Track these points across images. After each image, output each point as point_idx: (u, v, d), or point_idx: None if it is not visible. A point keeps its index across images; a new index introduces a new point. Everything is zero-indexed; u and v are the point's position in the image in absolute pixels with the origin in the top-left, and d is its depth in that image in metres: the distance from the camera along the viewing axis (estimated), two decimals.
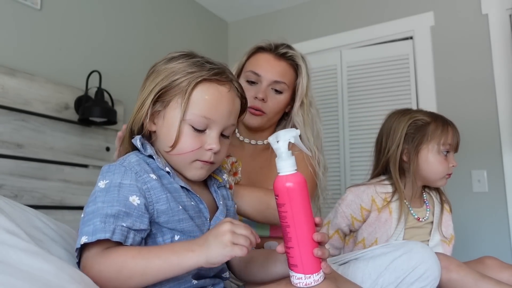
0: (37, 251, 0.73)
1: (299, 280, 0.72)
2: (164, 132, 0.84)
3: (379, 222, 1.32)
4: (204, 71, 0.83)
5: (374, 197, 1.34)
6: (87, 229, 0.72)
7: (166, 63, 0.85)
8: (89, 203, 0.76)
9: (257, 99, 1.28)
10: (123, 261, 0.70)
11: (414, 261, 0.99)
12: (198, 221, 0.83)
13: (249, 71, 1.32)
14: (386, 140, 1.38)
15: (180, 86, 0.82)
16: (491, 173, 2.22)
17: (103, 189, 0.76)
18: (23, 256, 0.70)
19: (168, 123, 0.83)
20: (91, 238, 0.70)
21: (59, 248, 0.86)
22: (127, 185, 0.76)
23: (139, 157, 0.82)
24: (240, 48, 3.10)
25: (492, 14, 2.30)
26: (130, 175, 0.77)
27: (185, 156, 0.83)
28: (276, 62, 1.32)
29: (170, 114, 0.83)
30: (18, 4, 1.85)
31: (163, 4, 2.65)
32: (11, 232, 0.75)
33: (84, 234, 0.72)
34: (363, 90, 2.59)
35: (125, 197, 0.75)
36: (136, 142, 0.84)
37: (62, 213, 1.83)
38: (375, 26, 2.62)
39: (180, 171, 0.86)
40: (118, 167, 0.79)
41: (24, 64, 1.83)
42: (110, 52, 2.25)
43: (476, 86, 2.31)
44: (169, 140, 0.82)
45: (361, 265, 1.05)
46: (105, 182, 0.77)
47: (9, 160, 1.68)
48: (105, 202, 0.74)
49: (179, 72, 0.82)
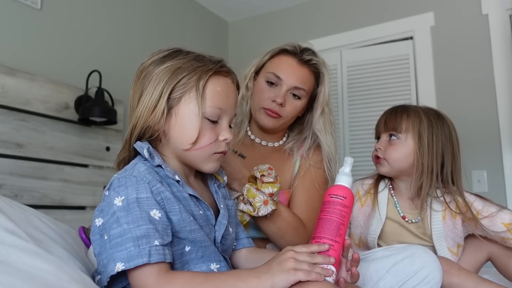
0: (37, 251, 0.73)
1: (333, 273, 0.75)
2: (178, 130, 0.82)
3: (364, 216, 1.32)
4: (209, 64, 0.83)
5: (359, 189, 1.37)
6: (120, 255, 0.70)
7: (161, 62, 0.83)
8: (111, 224, 0.73)
9: (275, 103, 1.27)
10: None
11: (416, 265, 0.99)
12: (206, 230, 0.83)
13: (270, 73, 1.30)
14: None
15: (189, 81, 0.81)
16: (491, 173, 2.22)
17: (122, 207, 0.74)
18: (23, 256, 0.70)
19: (183, 119, 0.82)
20: (128, 265, 0.69)
21: (59, 248, 0.86)
22: (145, 199, 0.75)
23: (147, 165, 0.80)
24: (240, 48, 3.13)
25: (492, 14, 2.30)
26: (144, 187, 0.76)
27: (204, 150, 0.83)
28: (299, 67, 1.30)
29: (184, 110, 0.81)
30: (18, 4, 1.85)
31: (163, 4, 2.65)
32: (11, 232, 0.75)
33: (118, 260, 0.70)
34: (363, 90, 2.59)
35: (147, 213, 0.74)
36: (143, 151, 0.81)
37: (62, 213, 1.83)
38: (375, 26, 2.62)
39: (196, 166, 0.86)
40: (129, 178, 0.77)
41: (24, 64, 1.83)
42: (110, 52, 2.25)
43: (476, 86, 2.31)
44: (188, 136, 0.81)
45: (362, 267, 1.05)
46: (121, 199, 0.75)
47: (9, 159, 1.68)
48: (129, 223, 0.72)
49: (185, 68, 0.82)
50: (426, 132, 1.25)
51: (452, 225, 1.27)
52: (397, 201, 1.31)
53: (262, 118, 1.30)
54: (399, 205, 1.31)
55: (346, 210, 0.79)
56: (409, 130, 1.26)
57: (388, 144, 1.29)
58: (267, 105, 1.28)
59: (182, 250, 0.79)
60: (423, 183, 1.24)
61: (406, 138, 1.26)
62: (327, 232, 0.77)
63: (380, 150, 1.30)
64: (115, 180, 0.78)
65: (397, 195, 1.32)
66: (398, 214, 1.30)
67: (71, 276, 0.72)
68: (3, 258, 0.67)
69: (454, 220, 1.27)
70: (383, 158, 1.29)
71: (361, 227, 1.32)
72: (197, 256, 0.81)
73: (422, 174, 1.24)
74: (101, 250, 0.75)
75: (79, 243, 1.02)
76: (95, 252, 0.78)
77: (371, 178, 1.39)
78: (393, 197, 1.32)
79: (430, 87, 2.43)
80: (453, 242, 1.27)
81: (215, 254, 0.84)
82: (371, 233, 1.28)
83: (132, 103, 0.86)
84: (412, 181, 1.28)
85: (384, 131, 1.31)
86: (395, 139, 1.28)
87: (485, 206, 1.26)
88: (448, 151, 1.27)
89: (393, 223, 1.30)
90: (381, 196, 1.32)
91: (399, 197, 1.32)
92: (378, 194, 1.33)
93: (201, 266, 0.81)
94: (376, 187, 1.34)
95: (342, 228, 0.78)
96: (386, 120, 1.30)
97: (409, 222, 1.29)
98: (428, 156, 1.24)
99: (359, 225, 1.33)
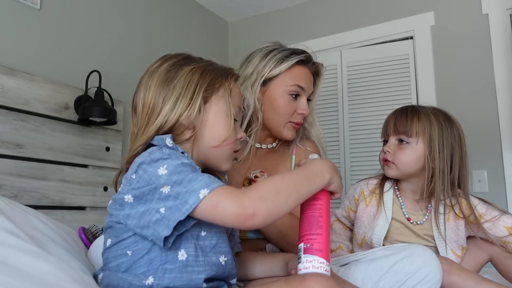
0: (36, 251, 0.73)
1: (321, 264, 0.75)
2: (209, 127, 0.85)
3: (368, 216, 1.32)
4: (225, 68, 0.91)
5: (364, 189, 1.37)
6: (199, 185, 0.70)
7: (184, 64, 0.87)
8: (172, 179, 0.72)
9: (302, 115, 1.29)
10: (276, 184, 0.73)
11: (415, 264, 0.99)
12: None
13: (295, 85, 1.27)
14: None
15: (217, 81, 0.87)
16: (491, 173, 2.22)
17: (171, 172, 0.73)
18: (22, 256, 0.70)
19: (215, 117, 0.86)
20: (211, 187, 0.70)
21: (59, 248, 0.86)
22: (189, 164, 0.76)
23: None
24: (240, 48, 3.12)
25: (492, 14, 2.30)
26: (182, 157, 0.78)
27: (230, 147, 0.87)
28: (311, 75, 1.33)
29: (213, 109, 0.86)
30: (18, 4, 1.84)
31: (163, 4, 2.65)
32: (10, 232, 0.75)
33: (200, 188, 0.70)
34: (363, 90, 2.58)
35: (198, 172, 0.76)
36: (165, 141, 0.80)
37: (62, 213, 1.83)
38: (375, 26, 2.62)
39: (217, 164, 0.88)
40: (161, 152, 0.77)
41: (24, 64, 1.83)
42: (110, 52, 2.25)
43: (476, 86, 2.31)
44: (219, 133, 0.85)
45: (362, 267, 1.05)
46: (165, 167, 0.74)
47: (9, 160, 1.68)
48: (188, 174, 0.72)
49: (209, 70, 0.88)
50: (437, 136, 1.24)
51: (455, 227, 1.27)
52: (403, 203, 1.31)
53: (287, 132, 1.30)
54: (405, 206, 1.30)
55: (319, 202, 0.81)
56: (420, 134, 1.24)
57: (397, 147, 1.27)
58: (295, 119, 1.29)
59: (198, 233, 0.79)
60: (435, 187, 1.23)
61: (416, 142, 1.25)
62: (308, 229, 0.79)
63: (389, 154, 1.28)
64: (146, 158, 0.76)
65: (402, 196, 1.32)
66: (403, 216, 1.30)
67: (71, 276, 0.71)
68: (2, 258, 0.67)
69: (457, 221, 1.27)
70: (392, 161, 1.27)
71: (365, 227, 1.32)
72: (210, 244, 0.81)
73: (433, 177, 1.23)
74: (144, 213, 0.73)
75: (79, 244, 1.02)
76: (131, 225, 0.75)
77: (375, 178, 1.39)
78: (398, 199, 1.31)
79: (430, 87, 2.42)
80: (456, 244, 1.27)
81: (226, 244, 0.84)
82: (376, 234, 1.28)
83: (154, 105, 0.85)
84: (421, 183, 1.27)
85: (394, 134, 1.29)
86: (405, 143, 1.26)
87: (488, 209, 1.26)
88: (456, 154, 1.26)
89: (398, 224, 1.30)
90: (386, 196, 1.32)
91: (404, 198, 1.32)
92: (383, 195, 1.32)
93: (211, 256, 0.80)
94: (381, 187, 1.33)
95: (321, 220, 0.79)
96: (396, 123, 1.28)
97: (414, 223, 1.29)
98: (439, 160, 1.23)
99: (362, 225, 1.33)
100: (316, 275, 0.72)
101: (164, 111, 0.84)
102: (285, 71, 1.28)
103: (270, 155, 1.37)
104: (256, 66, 1.29)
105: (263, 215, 0.69)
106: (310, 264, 0.75)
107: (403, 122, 1.26)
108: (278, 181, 0.73)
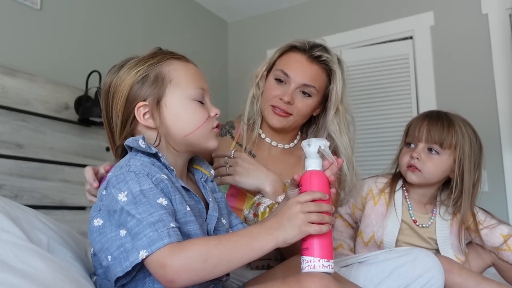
0: (36, 250, 0.73)
1: (308, 263, 0.74)
2: (172, 119, 0.84)
3: (376, 215, 1.32)
4: (163, 54, 0.88)
5: (372, 187, 1.35)
6: (141, 243, 0.70)
7: (129, 70, 0.86)
8: (125, 218, 0.73)
9: (283, 101, 1.22)
10: (207, 251, 0.70)
11: (418, 269, 0.98)
12: (200, 222, 0.83)
13: (279, 70, 1.26)
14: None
15: (162, 73, 0.85)
16: (491, 173, 2.22)
17: (129, 201, 0.73)
18: (21, 255, 0.70)
19: (174, 108, 0.85)
20: (150, 250, 0.69)
21: (58, 248, 0.86)
22: (149, 190, 0.75)
23: (141, 160, 0.80)
24: (239, 48, 3.12)
25: (492, 14, 2.30)
26: (144, 179, 0.76)
27: (203, 128, 0.86)
28: (308, 64, 1.25)
29: (171, 100, 0.85)
30: (18, 4, 1.85)
31: (163, 4, 2.65)
32: (10, 232, 0.75)
33: (141, 248, 0.70)
34: (363, 90, 2.58)
35: (155, 201, 0.74)
36: (138, 143, 0.81)
37: (62, 213, 1.83)
38: (375, 26, 2.62)
39: (201, 146, 0.88)
40: (127, 173, 0.77)
41: (24, 64, 1.83)
42: (110, 52, 2.25)
43: (476, 85, 2.31)
44: (185, 121, 0.85)
45: (363, 269, 1.04)
46: (125, 194, 0.74)
47: (9, 160, 1.68)
48: (141, 213, 0.72)
49: (151, 64, 0.86)
50: (467, 151, 1.23)
51: (457, 231, 1.29)
52: (410, 204, 1.31)
53: (270, 117, 1.25)
54: (412, 208, 1.31)
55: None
56: (452, 147, 1.22)
57: (426, 155, 1.24)
58: (274, 103, 1.24)
59: None
60: (462, 203, 1.23)
61: (448, 154, 1.23)
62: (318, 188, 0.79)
63: (418, 161, 1.24)
64: (113, 178, 0.77)
65: (410, 198, 1.33)
66: (410, 217, 1.31)
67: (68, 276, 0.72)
68: (1, 257, 0.68)
69: (459, 227, 1.29)
70: (419, 169, 1.24)
71: (373, 226, 1.32)
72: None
73: (461, 190, 1.24)
74: (102, 247, 0.75)
75: (79, 244, 1.02)
76: (95, 249, 0.77)
77: (384, 177, 1.38)
78: (406, 200, 1.32)
79: (430, 87, 2.42)
80: (458, 250, 1.28)
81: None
82: (388, 235, 1.28)
83: (122, 116, 0.86)
84: (434, 189, 1.29)
85: (426, 142, 1.24)
86: (434, 152, 1.24)
87: (487, 218, 1.29)
88: (478, 168, 1.26)
89: (404, 225, 1.31)
90: (396, 197, 1.32)
91: (412, 200, 1.32)
92: (394, 194, 1.32)
93: None
94: (392, 187, 1.33)
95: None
96: (430, 131, 1.23)
97: (419, 226, 1.30)
98: (468, 174, 1.22)
99: (370, 223, 1.33)
100: (311, 274, 0.72)
101: (128, 120, 0.85)
102: (278, 57, 1.31)
103: (286, 157, 1.33)
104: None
105: (183, 283, 0.69)
106: (302, 264, 0.76)
107: (439, 132, 1.23)
108: (211, 248, 0.71)
